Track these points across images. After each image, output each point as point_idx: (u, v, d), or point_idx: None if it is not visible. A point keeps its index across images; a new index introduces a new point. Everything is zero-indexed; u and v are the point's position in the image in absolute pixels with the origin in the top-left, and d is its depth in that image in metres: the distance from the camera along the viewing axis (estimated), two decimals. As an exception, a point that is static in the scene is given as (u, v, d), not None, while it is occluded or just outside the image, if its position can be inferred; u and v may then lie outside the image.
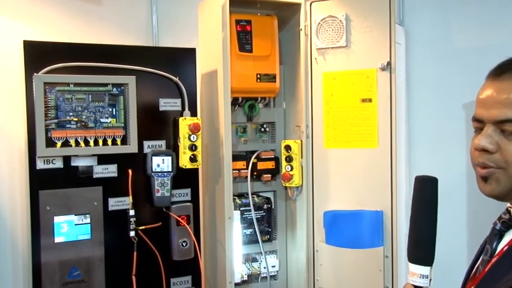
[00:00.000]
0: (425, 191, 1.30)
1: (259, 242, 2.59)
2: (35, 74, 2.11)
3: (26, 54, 2.13)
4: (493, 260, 1.18)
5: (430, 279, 1.28)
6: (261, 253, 2.62)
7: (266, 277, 2.63)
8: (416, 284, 1.28)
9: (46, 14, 2.60)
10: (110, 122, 2.24)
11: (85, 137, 2.18)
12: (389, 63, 2.40)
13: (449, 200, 2.48)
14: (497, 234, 1.22)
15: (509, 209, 1.21)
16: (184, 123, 2.33)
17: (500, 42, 2.79)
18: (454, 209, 2.92)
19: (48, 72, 2.14)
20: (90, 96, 2.21)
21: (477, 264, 1.28)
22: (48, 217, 2.17)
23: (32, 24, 2.55)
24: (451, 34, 3.05)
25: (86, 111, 2.20)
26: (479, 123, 1.18)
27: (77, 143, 2.17)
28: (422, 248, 1.29)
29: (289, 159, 2.57)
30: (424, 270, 1.27)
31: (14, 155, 2.47)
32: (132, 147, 2.26)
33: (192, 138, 2.33)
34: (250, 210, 2.57)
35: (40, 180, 2.16)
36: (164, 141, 2.38)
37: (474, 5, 2.96)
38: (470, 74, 1.32)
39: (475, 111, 1.19)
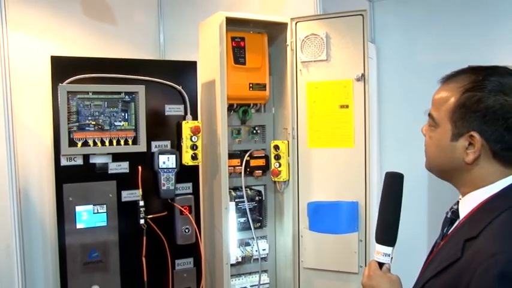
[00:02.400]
0: (393, 185, 1.37)
1: (251, 229, 2.60)
2: (60, 84, 2.15)
3: (53, 67, 2.18)
4: (441, 243, 1.27)
5: (392, 258, 1.35)
6: (253, 238, 2.62)
7: (258, 259, 2.63)
8: (379, 260, 1.35)
9: (70, 33, 2.64)
10: (123, 125, 2.28)
11: (101, 138, 2.22)
12: (363, 75, 2.41)
13: (413, 191, 2.50)
14: (448, 221, 1.29)
15: (459, 200, 1.27)
16: (187, 126, 2.35)
17: (453, 58, 2.81)
18: (417, 199, 2.94)
19: (71, 82, 2.18)
20: (106, 102, 2.24)
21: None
22: (71, 207, 2.20)
23: (58, 42, 2.58)
24: (414, 51, 3.08)
25: (102, 115, 2.24)
26: None
27: (95, 143, 2.21)
28: (387, 232, 1.36)
29: (277, 157, 2.58)
30: (387, 249, 1.35)
31: (42, 153, 2.50)
32: (141, 147, 2.30)
33: (193, 139, 2.35)
34: (243, 202, 2.58)
35: (64, 175, 2.20)
36: (169, 141, 2.40)
37: (433, 27, 3.00)
38: (431, 84, 1.36)
39: None
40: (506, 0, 2.84)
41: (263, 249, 2.67)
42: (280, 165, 2.59)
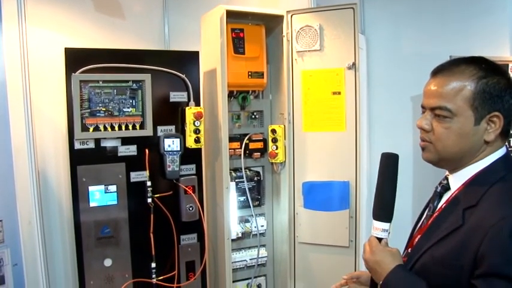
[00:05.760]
0: (389, 165, 1.34)
1: (250, 207, 2.62)
2: (73, 73, 2.14)
3: (67, 58, 2.17)
4: (434, 215, 1.27)
5: (389, 233, 1.33)
6: (252, 215, 2.65)
7: (256, 234, 2.66)
8: (378, 236, 1.32)
9: (82, 27, 2.62)
10: (131, 111, 2.27)
11: (111, 123, 2.21)
12: (354, 64, 2.41)
13: (399, 171, 2.52)
14: (437, 195, 1.30)
15: (447, 176, 1.29)
16: (190, 111, 2.35)
17: (436, 49, 2.81)
18: (403, 179, 2.87)
19: (83, 72, 2.17)
20: (115, 90, 2.23)
21: (422, 218, 1.35)
22: (84, 187, 2.21)
23: (72, 35, 2.56)
24: (400, 42, 3.07)
25: (112, 102, 2.23)
26: (423, 109, 1.27)
27: (105, 128, 2.21)
28: (384, 209, 1.33)
29: (274, 140, 2.59)
30: (385, 225, 1.32)
31: (57, 138, 2.49)
32: (148, 131, 2.29)
33: (196, 123, 2.35)
34: (243, 182, 2.59)
35: (77, 158, 2.20)
36: (174, 126, 2.38)
37: (418, 21, 2.99)
38: (415, 73, 1.34)
39: (422, 100, 1.28)
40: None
41: (261, 226, 2.68)
42: (277, 148, 2.60)
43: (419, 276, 1.20)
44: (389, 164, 1.34)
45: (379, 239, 1.32)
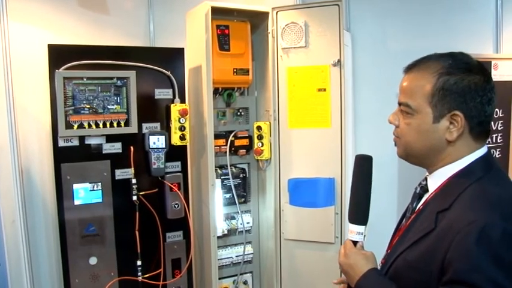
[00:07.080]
0: (363, 168, 1.34)
1: (236, 204, 2.62)
2: (57, 70, 2.12)
3: (50, 55, 2.15)
4: (412, 217, 1.26)
5: (364, 236, 1.33)
6: (238, 212, 2.65)
7: (242, 231, 2.66)
8: (353, 239, 1.32)
9: (65, 23, 2.57)
10: (115, 108, 2.25)
11: (96, 120, 2.20)
12: (339, 61, 2.41)
13: (384, 170, 2.50)
14: (416, 196, 1.29)
15: (427, 176, 1.27)
16: (175, 108, 2.33)
17: (421, 46, 2.78)
18: (388, 177, 2.94)
19: (67, 68, 2.14)
20: (99, 87, 2.21)
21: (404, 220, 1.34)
22: (69, 184, 2.19)
23: (55, 31, 2.52)
24: (386, 39, 3.07)
25: (96, 99, 2.21)
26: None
27: (90, 126, 2.19)
28: (359, 212, 1.33)
29: (260, 137, 2.59)
30: (360, 228, 1.32)
31: (42, 135, 2.47)
32: (133, 128, 2.27)
33: (181, 120, 2.33)
34: (229, 179, 2.59)
35: (62, 156, 2.18)
36: (159, 123, 2.37)
37: (404, 16, 3.00)
38: (401, 70, 1.35)
39: None
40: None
41: (247, 223, 2.69)
42: (262, 145, 2.60)
43: (393, 279, 1.19)
44: (363, 166, 1.34)
45: (355, 243, 1.32)
